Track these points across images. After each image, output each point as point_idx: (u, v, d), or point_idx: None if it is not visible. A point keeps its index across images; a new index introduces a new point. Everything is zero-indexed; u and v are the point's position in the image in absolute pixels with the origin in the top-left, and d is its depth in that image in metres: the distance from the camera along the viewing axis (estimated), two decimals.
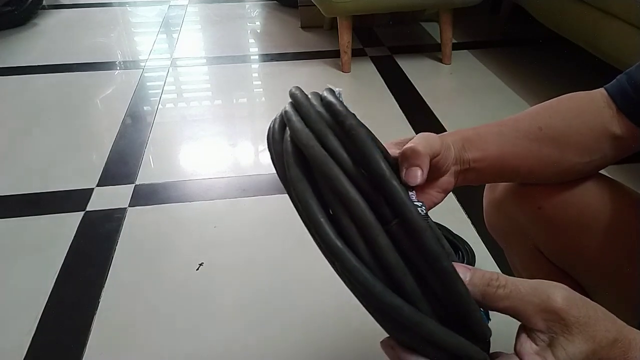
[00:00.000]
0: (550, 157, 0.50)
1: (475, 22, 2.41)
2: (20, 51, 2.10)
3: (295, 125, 0.29)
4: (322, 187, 0.28)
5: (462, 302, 0.27)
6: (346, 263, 0.26)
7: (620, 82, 0.50)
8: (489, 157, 0.48)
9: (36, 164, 1.38)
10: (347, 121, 0.28)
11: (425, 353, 0.28)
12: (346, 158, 0.28)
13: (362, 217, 0.26)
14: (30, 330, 0.89)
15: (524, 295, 0.30)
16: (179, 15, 2.61)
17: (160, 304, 0.96)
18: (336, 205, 0.27)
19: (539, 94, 1.74)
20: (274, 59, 2.07)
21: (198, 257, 1.06)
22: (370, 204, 0.27)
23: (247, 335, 0.89)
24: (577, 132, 0.49)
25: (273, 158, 0.32)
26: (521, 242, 0.62)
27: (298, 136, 0.28)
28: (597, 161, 0.52)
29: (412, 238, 0.26)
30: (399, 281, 0.26)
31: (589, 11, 1.45)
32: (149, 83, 1.86)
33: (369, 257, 0.26)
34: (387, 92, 1.76)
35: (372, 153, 0.27)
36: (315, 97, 0.32)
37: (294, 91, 0.32)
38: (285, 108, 0.31)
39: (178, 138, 1.54)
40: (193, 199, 1.24)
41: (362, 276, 0.26)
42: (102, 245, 1.09)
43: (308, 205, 0.27)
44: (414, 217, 0.26)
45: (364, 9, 1.81)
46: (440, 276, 0.27)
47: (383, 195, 0.27)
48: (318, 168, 0.27)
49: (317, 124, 0.28)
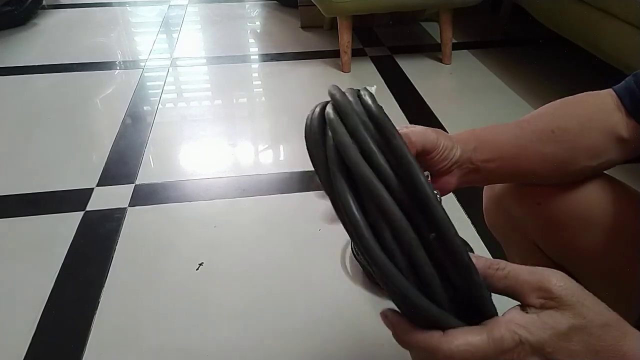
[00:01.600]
0: (561, 159, 0.50)
1: (475, 22, 2.41)
2: (20, 51, 2.10)
3: (342, 139, 0.30)
4: (365, 200, 0.30)
5: (479, 290, 0.31)
6: (389, 275, 0.29)
7: (628, 84, 0.49)
8: (502, 158, 0.48)
9: (36, 163, 1.38)
10: (393, 140, 0.30)
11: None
12: (392, 178, 0.30)
13: (404, 234, 0.29)
14: (30, 330, 0.89)
15: (521, 275, 0.32)
16: (179, 15, 2.61)
17: (160, 304, 0.96)
18: (380, 219, 0.30)
19: (539, 94, 1.74)
20: (274, 59, 2.07)
21: (198, 257, 1.06)
22: (408, 215, 0.30)
23: (247, 335, 0.89)
24: (589, 135, 0.49)
25: (313, 158, 0.33)
26: (520, 238, 0.62)
27: (346, 153, 0.30)
28: (604, 164, 0.52)
29: (448, 254, 0.30)
30: (432, 291, 0.30)
31: (589, 11, 1.45)
32: (149, 83, 1.86)
33: (406, 267, 0.30)
34: (387, 92, 1.76)
35: (419, 176, 0.29)
36: (358, 103, 0.33)
37: (335, 94, 0.32)
38: (329, 114, 0.32)
39: (178, 138, 1.54)
40: (193, 198, 1.24)
41: (403, 287, 0.29)
42: (102, 245, 1.09)
43: (354, 219, 0.29)
44: (453, 238, 0.29)
45: (364, 9, 1.81)
46: (466, 277, 0.30)
47: (421, 209, 0.30)
48: (365, 187, 0.30)
49: (365, 143, 0.30)
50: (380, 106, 0.32)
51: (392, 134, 0.30)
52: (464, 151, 0.45)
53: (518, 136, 0.49)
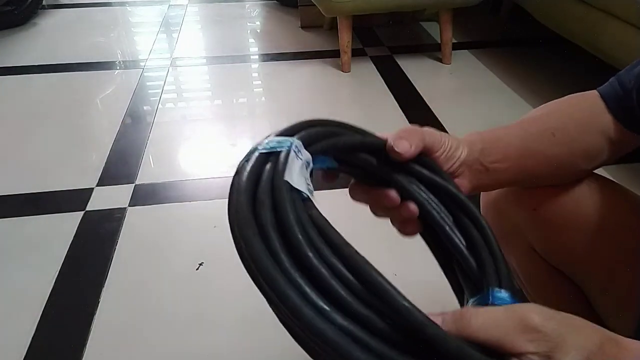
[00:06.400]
0: (561, 161, 0.50)
1: (475, 22, 2.41)
2: (20, 51, 2.10)
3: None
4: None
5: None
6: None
7: (612, 86, 0.49)
8: (510, 159, 0.48)
9: (36, 163, 1.38)
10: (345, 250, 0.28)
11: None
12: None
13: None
14: (30, 330, 0.89)
15: (499, 321, 0.29)
16: (179, 15, 2.61)
17: (160, 304, 0.96)
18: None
19: (539, 94, 1.74)
20: (274, 59, 2.07)
21: (198, 257, 1.06)
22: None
23: (247, 335, 0.89)
24: (586, 137, 0.50)
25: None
26: (517, 242, 0.62)
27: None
28: (597, 165, 0.52)
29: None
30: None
31: (589, 11, 1.45)
32: (149, 83, 1.86)
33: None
34: (387, 92, 1.76)
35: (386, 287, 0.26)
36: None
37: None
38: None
39: (178, 138, 1.54)
40: (193, 198, 1.24)
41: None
42: (102, 245, 1.09)
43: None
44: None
45: (364, 9, 1.81)
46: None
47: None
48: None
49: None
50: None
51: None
52: (471, 152, 0.45)
53: (521, 138, 0.49)
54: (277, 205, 0.28)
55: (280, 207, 0.28)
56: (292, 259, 0.27)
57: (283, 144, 0.32)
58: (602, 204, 0.53)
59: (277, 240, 0.27)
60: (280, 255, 0.26)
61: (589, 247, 0.54)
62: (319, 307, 0.25)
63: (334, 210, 1.11)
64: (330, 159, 0.38)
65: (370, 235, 0.90)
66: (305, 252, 0.27)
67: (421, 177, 0.41)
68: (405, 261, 1.02)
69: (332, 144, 0.36)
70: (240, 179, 0.30)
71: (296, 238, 0.27)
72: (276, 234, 0.27)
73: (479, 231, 0.39)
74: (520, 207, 0.58)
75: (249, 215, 0.28)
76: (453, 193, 0.40)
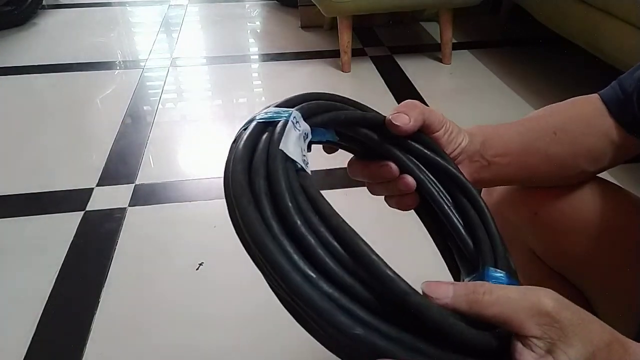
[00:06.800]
0: (563, 161, 0.50)
1: (475, 22, 2.41)
2: (20, 51, 2.10)
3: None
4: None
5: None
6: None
7: (613, 89, 0.49)
8: (511, 154, 0.47)
9: (36, 163, 1.38)
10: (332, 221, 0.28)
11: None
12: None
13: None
14: (30, 330, 0.89)
15: (513, 300, 0.28)
16: (179, 15, 2.61)
17: (160, 304, 0.96)
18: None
19: (539, 94, 1.74)
20: (274, 59, 2.07)
21: (198, 257, 1.06)
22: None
23: (247, 334, 0.89)
24: (588, 138, 0.49)
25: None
26: (518, 245, 0.62)
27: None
28: (599, 169, 0.52)
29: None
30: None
31: (589, 11, 1.45)
32: (149, 83, 1.86)
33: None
34: (387, 92, 1.77)
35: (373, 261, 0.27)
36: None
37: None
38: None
39: (178, 138, 1.54)
40: (193, 198, 1.24)
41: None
42: (102, 245, 1.09)
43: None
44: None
45: (364, 9, 1.81)
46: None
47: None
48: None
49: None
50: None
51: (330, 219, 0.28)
52: (472, 143, 0.45)
53: (522, 134, 0.49)
54: (269, 174, 0.29)
55: (273, 175, 0.29)
56: (282, 227, 0.27)
57: (282, 115, 0.33)
58: (604, 207, 0.53)
59: (269, 208, 0.28)
60: (271, 223, 0.27)
61: (590, 251, 0.53)
62: (306, 273, 0.26)
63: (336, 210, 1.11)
64: (331, 132, 0.39)
65: (371, 235, 0.91)
66: (294, 220, 0.27)
67: (421, 155, 0.41)
68: (405, 261, 1.02)
69: (334, 117, 0.37)
70: (238, 147, 0.31)
71: (286, 206, 0.28)
72: (269, 202, 0.28)
73: (477, 211, 0.39)
74: (521, 211, 0.58)
75: (244, 183, 0.29)
76: (453, 173, 0.40)
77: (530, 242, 0.60)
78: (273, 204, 0.28)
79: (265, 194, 0.28)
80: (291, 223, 0.27)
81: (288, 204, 0.28)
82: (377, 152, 0.41)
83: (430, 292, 0.29)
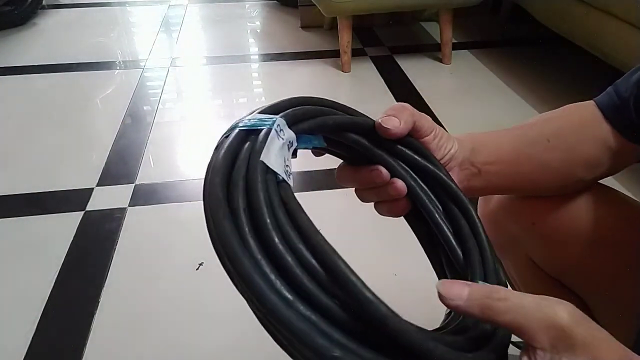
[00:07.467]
0: (558, 169, 0.49)
1: (475, 22, 2.41)
2: (20, 51, 2.10)
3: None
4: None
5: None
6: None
7: (609, 95, 0.48)
8: (502, 161, 0.47)
9: (36, 163, 1.38)
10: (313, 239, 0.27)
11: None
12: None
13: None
14: (30, 330, 0.89)
15: (528, 310, 0.28)
16: (179, 15, 2.61)
17: (160, 304, 0.96)
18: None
19: (539, 94, 1.74)
20: (274, 59, 2.07)
21: (198, 257, 1.06)
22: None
23: (247, 335, 0.89)
24: (584, 146, 0.49)
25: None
26: (516, 254, 0.61)
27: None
28: (596, 177, 0.51)
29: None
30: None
31: (589, 11, 1.45)
32: (149, 83, 1.86)
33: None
34: (387, 92, 1.77)
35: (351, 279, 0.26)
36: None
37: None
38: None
39: (178, 138, 1.54)
40: (193, 198, 1.24)
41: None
42: (102, 245, 1.09)
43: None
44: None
45: (364, 9, 1.81)
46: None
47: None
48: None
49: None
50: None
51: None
52: (461, 150, 0.44)
53: (514, 141, 0.48)
54: (248, 188, 0.28)
55: (252, 189, 0.28)
56: (259, 244, 0.26)
57: (265, 122, 0.32)
58: (603, 215, 0.52)
59: (247, 224, 0.27)
60: (248, 239, 0.26)
61: (589, 259, 0.53)
62: (283, 295, 0.25)
63: (335, 210, 1.11)
64: (319, 138, 0.37)
65: (370, 236, 0.91)
66: (272, 237, 0.26)
67: (411, 161, 0.40)
68: (405, 261, 1.02)
69: (321, 123, 0.36)
70: (217, 157, 0.30)
71: (264, 222, 0.27)
72: (247, 218, 0.27)
73: (467, 221, 0.39)
74: (519, 220, 0.57)
75: (221, 195, 0.28)
76: (444, 181, 0.40)
77: (528, 250, 0.59)
78: (251, 219, 0.27)
79: (243, 209, 0.27)
80: (269, 240, 0.26)
81: (266, 220, 0.27)
82: (367, 158, 0.40)
83: (444, 292, 0.28)
